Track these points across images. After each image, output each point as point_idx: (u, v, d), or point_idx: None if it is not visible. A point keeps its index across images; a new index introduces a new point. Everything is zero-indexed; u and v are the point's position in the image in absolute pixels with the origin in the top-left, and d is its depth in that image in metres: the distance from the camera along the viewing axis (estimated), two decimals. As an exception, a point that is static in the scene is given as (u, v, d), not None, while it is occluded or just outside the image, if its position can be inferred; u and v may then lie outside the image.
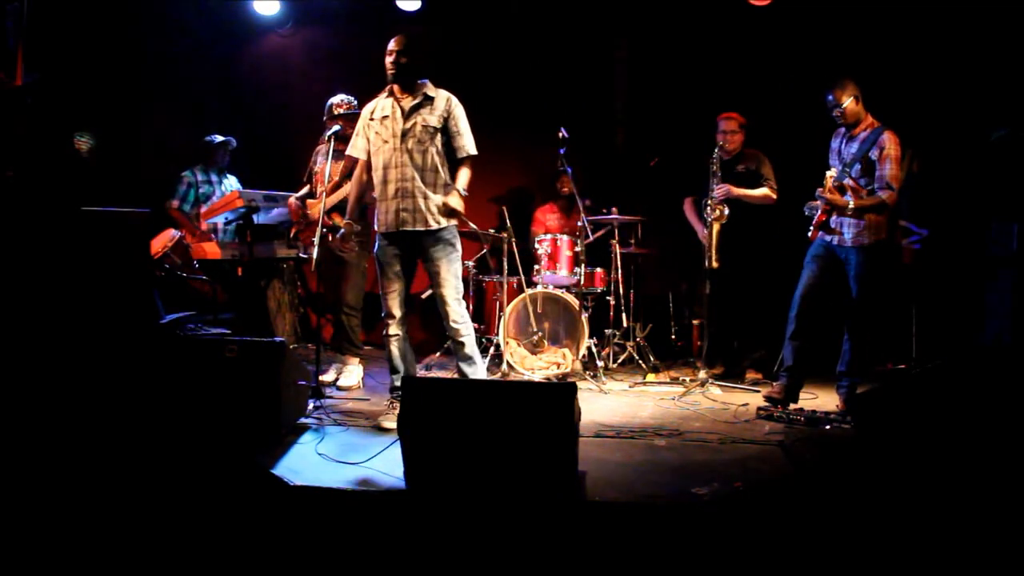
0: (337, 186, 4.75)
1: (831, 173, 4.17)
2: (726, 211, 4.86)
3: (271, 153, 6.34)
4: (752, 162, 5.11)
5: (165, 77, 6.09)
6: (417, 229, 3.82)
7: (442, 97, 3.88)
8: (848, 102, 4.13)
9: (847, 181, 4.17)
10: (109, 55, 5.53)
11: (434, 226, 3.83)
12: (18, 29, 4.10)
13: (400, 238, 3.86)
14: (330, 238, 4.72)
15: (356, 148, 4.01)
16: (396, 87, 3.87)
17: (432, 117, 3.83)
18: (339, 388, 4.74)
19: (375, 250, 3.95)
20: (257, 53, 6.56)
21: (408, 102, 3.84)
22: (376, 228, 3.96)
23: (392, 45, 3.82)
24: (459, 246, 3.94)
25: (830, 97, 4.19)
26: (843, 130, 4.28)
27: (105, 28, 5.46)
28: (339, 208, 4.69)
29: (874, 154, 4.10)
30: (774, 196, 5.03)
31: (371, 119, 3.93)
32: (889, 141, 4.09)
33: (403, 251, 3.90)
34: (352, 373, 4.82)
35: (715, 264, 4.83)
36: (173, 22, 5.99)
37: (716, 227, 4.86)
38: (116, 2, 5.55)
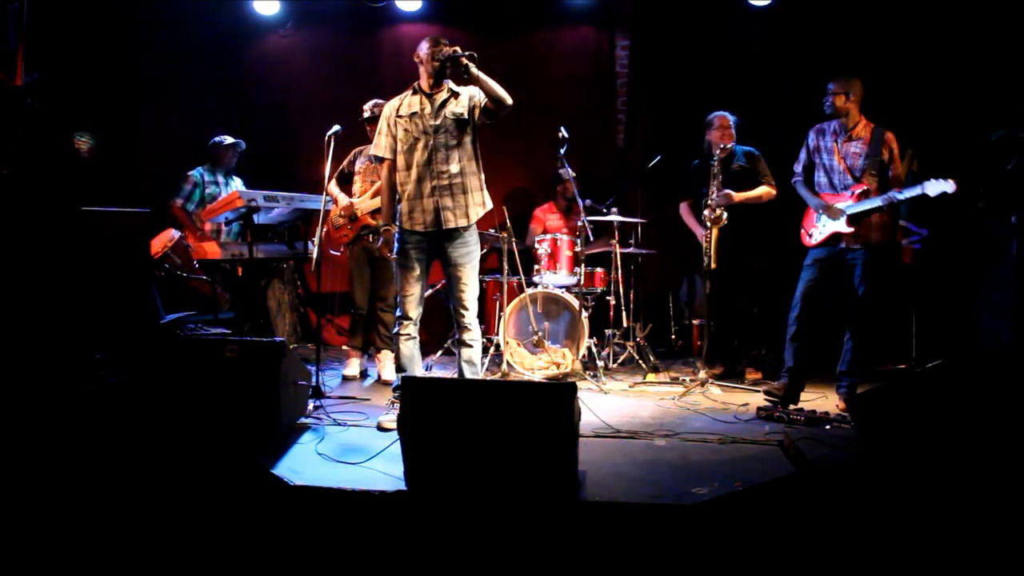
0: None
1: (845, 205, 4.17)
2: (724, 216, 4.83)
3: (271, 153, 6.34)
4: (745, 159, 5.11)
5: (165, 77, 6.09)
6: (458, 225, 3.80)
7: (465, 91, 3.86)
8: (844, 98, 4.18)
9: (866, 185, 4.17)
10: (109, 55, 5.53)
11: (472, 220, 3.84)
12: (18, 29, 4.10)
13: (430, 238, 3.84)
14: (369, 239, 4.90)
15: (381, 147, 3.93)
16: (427, 83, 3.83)
17: (459, 107, 3.81)
18: (385, 382, 4.90)
19: (396, 251, 3.90)
20: (257, 53, 6.56)
21: (438, 98, 3.83)
22: (403, 226, 3.88)
23: (447, 43, 3.77)
24: (479, 250, 3.95)
25: (831, 86, 4.25)
26: (830, 128, 4.29)
27: (105, 28, 5.46)
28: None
29: (884, 154, 4.17)
30: (774, 191, 5.03)
31: (398, 116, 3.87)
32: (894, 141, 4.19)
33: (428, 253, 3.89)
34: (393, 366, 4.89)
35: (714, 266, 4.83)
36: (173, 22, 5.99)
37: (715, 232, 4.84)
38: (116, 2, 5.56)
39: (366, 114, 4.97)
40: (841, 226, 4.18)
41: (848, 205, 4.17)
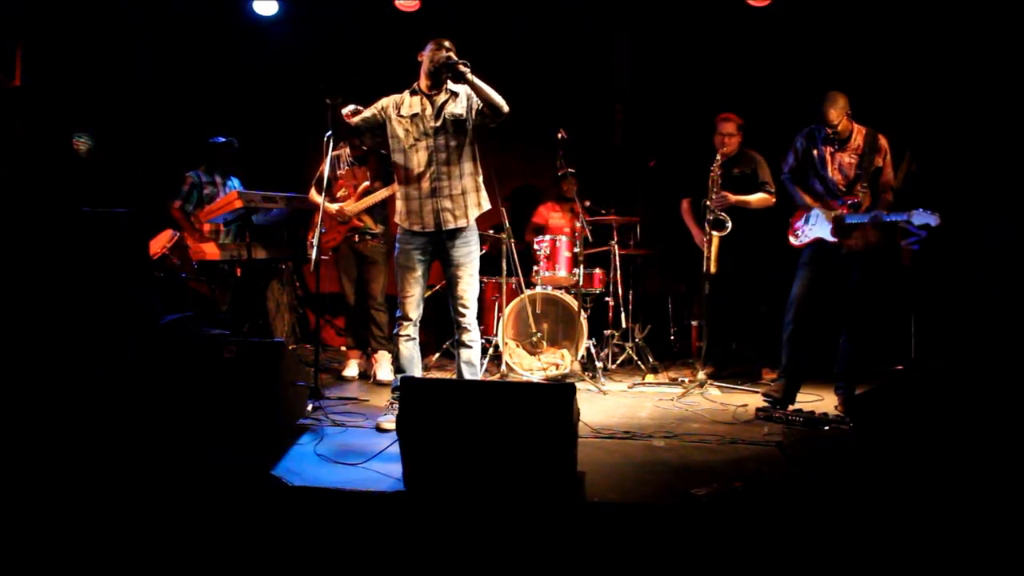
0: (369, 191, 4.93)
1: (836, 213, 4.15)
2: (728, 224, 4.81)
3: (270, 153, 6.33)
4: (748, 165, 5.10)
5: (165, 77, 6.09)
6: (458, 225, 3.81)
7: (463, 91, 3.86)
8: (842, 119, 4.15)
9: (858, 198, 4.15)
10: (108, 55, 5.53)
11: (472, 220, 3.85)
12: (18, 29, 4.10)
13: (431, 239, 3.84)
14: (356, 239, 4.98)
15: (364, 114, 3.90)
16: (426, 85, 3.83)
17: (459, 108, 3.81)
18: (381, 383, 4.94)
19: (397, 253, 3.90)
20: (257, 53, 6.56)
21: (438, 99, 3.83)
22: (403, 226, 3.88)
23: (450, 46, 3.76)
24: (479, 250, 3.96)
25: (822, 108, 4.18)
26: (820, 135, 4.27)
27: (104, 28, 5.46)
28: (368, 211, 4.97)
29: (878, 161, 4.15)
30: (772, 200, 5.03)
31: (399, 115, 3.87)
32: (886, 145, 4.15)
33: (428, 254, 3.89)
34: (389, 367, 4.93)
35: (713, 270, 4.82)
36: (172, 22, 5.99)
37: (716, 238, 4.82)
38: (115, 2, 5.56)
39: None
40: (826, 233, 4.17)
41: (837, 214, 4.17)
